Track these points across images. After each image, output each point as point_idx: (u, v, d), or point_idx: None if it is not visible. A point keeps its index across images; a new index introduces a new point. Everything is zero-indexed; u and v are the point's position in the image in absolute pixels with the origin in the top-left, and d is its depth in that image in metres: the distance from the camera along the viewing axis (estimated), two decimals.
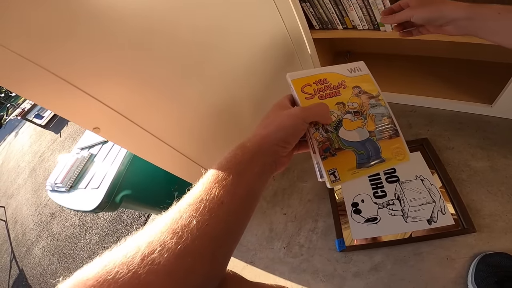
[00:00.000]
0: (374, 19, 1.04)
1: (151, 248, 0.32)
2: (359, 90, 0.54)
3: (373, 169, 0.50)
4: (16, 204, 5.09)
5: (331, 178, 0.48)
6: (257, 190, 0.44)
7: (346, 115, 0.51)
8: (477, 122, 1.09)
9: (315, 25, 1.21)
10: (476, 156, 1.01)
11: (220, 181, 0.40)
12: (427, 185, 0.97)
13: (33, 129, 7.73)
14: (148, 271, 0.30)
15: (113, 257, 0.31)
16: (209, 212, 0.36)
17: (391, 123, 0.53)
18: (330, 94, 0.52)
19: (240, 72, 1.08)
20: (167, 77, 0.84)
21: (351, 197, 1.07)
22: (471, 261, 0.83)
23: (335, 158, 0.49)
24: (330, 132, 0.49)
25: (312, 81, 0.52)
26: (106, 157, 1.51)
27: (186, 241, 0.33)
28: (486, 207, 0.90)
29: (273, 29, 1.16)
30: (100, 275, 0.29)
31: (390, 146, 0.51)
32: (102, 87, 0.71)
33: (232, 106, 1.11)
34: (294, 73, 0.52)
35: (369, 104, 0.53)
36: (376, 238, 0.96)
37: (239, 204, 0.40)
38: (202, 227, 0.35)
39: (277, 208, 1.23)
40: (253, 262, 1.14)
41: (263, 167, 0.43)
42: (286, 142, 0.45)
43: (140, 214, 2.76)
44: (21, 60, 0.58)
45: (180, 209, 0.37)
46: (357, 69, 0.57)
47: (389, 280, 0.89)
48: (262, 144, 0.44)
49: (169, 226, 0.35)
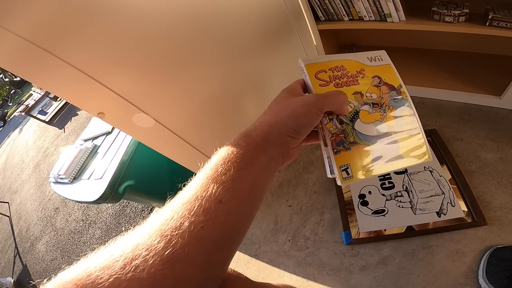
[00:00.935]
0: (381, 10, 1.03)
1: (136, 252, 0.28)
2: (380, 80, 0.50)
3: (390, 166, 0.45)
4: (20, 200, 5.14)
5: (343, 175, 0.43)
6: (261, 187, 0.39)
7: (363, 106, 0.47)
8: (486, 113, 1.07)
9: (320, 16, 1.20)
10: (485, 148, 0.99)
11: (218, 176, 0.35)
12: (436, 177, 0.95)
13: (37, 125, 7.79)
14: (130, 279, 0.26)
15: (96, 260, 0.28)
16: (204, 213, 0.32)
17: (412, 118, 0.49)
18: (347, 82, 0.48)
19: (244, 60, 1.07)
20: (170, 62, 0.82)
21: (358, 188, 1.05)
22: (482, 254, 0.81)
23: (349, 152, 0.44)
24: (346, 124, 0.45)
25: (328, 67, 0.48)
26: (110, 148, 1.51)
27: (175, 246, 0.29)
28: (496, 199, 0.88)
29: (278, 21, 1.14)
30: (79, 278, 0.26)
31: (410, 143, 0.47)
32: (107, 72, 0.69)
33: (235, 96, 1.10)
34: (308, 58, 0.48)
35: (390, 96, 0.49)
36: (384, 230, 0.94)
37: (240, 203, 0.36)
38: (195, 230, 0.31)
39: (282, 200, 1.21)
40: (257, 256, 1.12)
41: (269, 160, 0.39)
42: (298, 133, 0.40)
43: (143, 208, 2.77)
44: (28, 44, 0.57)
45: (173, 208, 0.33)
46: (378, 58, 0.52)
47: (397, 274, 0.87)
48: (270, 134, 0.39)
49: (158, 228, 0.31)
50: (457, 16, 0.91)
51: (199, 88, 0.94)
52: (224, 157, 0.37)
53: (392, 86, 0.50)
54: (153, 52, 0.77)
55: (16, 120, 10.51)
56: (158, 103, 0.83)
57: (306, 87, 0.48)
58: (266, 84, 1.18)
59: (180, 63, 0.86)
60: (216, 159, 0.37)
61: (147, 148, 0.85)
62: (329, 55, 0.49)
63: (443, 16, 0.93)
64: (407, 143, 0.47)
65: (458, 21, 0.92)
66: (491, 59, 1.18)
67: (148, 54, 0.77)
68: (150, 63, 0.78)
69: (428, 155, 0.48)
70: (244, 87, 1.12)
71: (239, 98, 1.12)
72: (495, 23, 0.86)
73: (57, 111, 7.19)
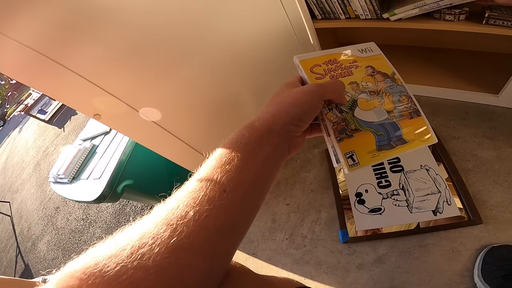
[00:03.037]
0: (377, 8, 1.03)
1: (143, 241, 0.29)
2: (373, 70, 0.51)
3: (395, 151, 0.46)
4: (21, 199, 5.14)
5: (349, 162, 0.44)
6: (267, 176, 0.39)
7: (361, 95, 0.48)
8: (483, 112, 1.07)
9: (317, 15, 1.19)
10: (482, 146, 0.99)
11: (223, 166, 0.36)
12: (432, 175, 0.96)
13: (36, 124, 7.80)
14: (136, 267, 0.27)
15: (104, 249, 0.29)
16: (209, 202, 0.33)
17: (410, 102, 0.50)
18: (342, 74, 0.49)
19: (241, 60, 1.07)
20: (166, 63, 0.83)
21: (355, 187, 1.05)
22: (477, 253, 0.81)
23: (352, 140, 0.45)
24: (345, 113, 0.46)
25: (322, 61, 0.49)
26: (108, 147, 1.52)
27: (180, 235, 0.30)
28: (492, 198, 0.88)
29: (275, 19, 1.14)
30: (87, 266, 0.27)
31: (412, 126, 0.48)
32: (103, 73, 0.70)
33: (232, 95, 1.10)
34: (302, 55, 0.49)
35: (385, 83, 0.50)
36: (380, 229, 0.94)
37: (245, 193, 0.36)
38: (199, 219, 0.31)
39: (279, 198, 1.22)
40: (255, 254, 1.13)
41: (274, 149, 0.39)
42: (301, 120, 0.41)
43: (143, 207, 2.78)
44: (23, 48, 0.57)
45: (178, 198, 0.34)
46: (368, 50, 0.54)
47: (394, 272, 0.87)
48: (274, 123, 0.40)
49: (164, 217, 0.31)
50: (457, 14, 0.90)
51: (195, 89, 0.94)
52: (228, 147, 0.37)
53: (385, 74, 0.52)
54: (149, 55, 0.78)
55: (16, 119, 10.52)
56: (154, 104, 0.83)
57: (303, 82, 0.49)
58: (264, 84, 1.18)
59: (176, 65, 0.86)
60: (221, 150, 0.38)
61: (144, 147, 0.86)
62: (322, 51, 0.51)
63: (444, 15, 0.92)
64: (409, 126, 0.48)
65: (458, 19, 0.92)
66: (488, 57, 1.18)
67: (144, 56, 0.77)
68: (146, 65, 0.78)
69: (432, 136, 0.48)
70: (240, 87, 1.12)
71: (235, 98, 1.12)
72: (491, 21, 0.86)
73: (57, 110, 7.20)
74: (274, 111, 0.41)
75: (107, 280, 0.26)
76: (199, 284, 0.31)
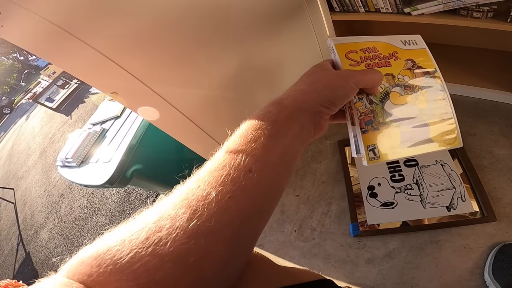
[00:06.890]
0: (399, 2, 1.01)
1: (159, 224, 0.27)
2: (413, 63, 0.49)
3: (417, 150, 0.45)
4: (26, 186, 5.17)
5: (369, 155, 0.43)
6: (292, 157, 0.37)
7: (394, 88, 0.46)
8: (501, 110, 1.05)
9: (335, 7, 1.18)
10: (498, 144, 0.97)
11: (248, 143, 0.33)
12: (448, 171, 0.94)
13: (44, 112, 7.86)
14: (152, 253, 0.25)
15: (119, 233, 0.27)
16: (232, 182, 0.30)
17: (445, 103, 0.48)
18: (378, 64, 0.47)
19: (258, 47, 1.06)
20: (185, 44, 0.82)
21: (367, 180, 1.04)
22: (489, 251, 0.80)
23: (376, 133, 0.44)
24: (375, 104, 0.45)
25: (359, 48, 0.47)
26: (118, 132, 1.51)
27: (200, 218, 0.27)
28: (507, 196, 0.87)
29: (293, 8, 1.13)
30: (100, 253, 0.25)
31: (441, 127, 0.47)
32: (123, 52, 0.69)
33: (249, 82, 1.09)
34: (338, 38, 0.47)
35: (423, 80, 0.49)
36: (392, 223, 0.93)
37: (270, 173, 0.33)
38: (222, 200, 0.29)
39: (289, 189, 1.20)
40: (263, 246, 1.11)
41: (301, 129, 0.37)
42: (332, 103, 0.39)
43: (148, 195, 2.77)
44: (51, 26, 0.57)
45: (199, 177, 0.31)
46: (412, 42, 0.51)
47: (403, 268, 0.86)
48: (304, 102, 0.38)
49: (184, 198, 0.29)
50: (485, 12, 0.89)
51: (213, 74, 0.94)
52: (254, 124, 0.35)
53: (426, 70, 0.50)
54: (168, 34, 0.77)
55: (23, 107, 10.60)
56: (171, 85, 0.82)
57: (335, 67, 0.46)
58: (279, 72, 1.17)
59: (195, 46, 0.85)
60: (246, 126, 0.36)
61: (155, 132, 0.85)
62: (360, 37, 0.48)
63: (471, 12, 0.91)
64: (438, 127, 0.47)
65: (486, 17, 0.90)
66: (507, 56, 1.15)
67: (164, 36, 0.76)
68: (165, 45, 0.77)
69: (459, 141, 0.48)
70: (257, 75, 1.11)
71: (252, 87, 1.11)
72: None
73: (64, 99, 7.26)
74: (305, 90, 0.39)
75: (119, 268, 0.24)
76: (217, 274, 0.29)
